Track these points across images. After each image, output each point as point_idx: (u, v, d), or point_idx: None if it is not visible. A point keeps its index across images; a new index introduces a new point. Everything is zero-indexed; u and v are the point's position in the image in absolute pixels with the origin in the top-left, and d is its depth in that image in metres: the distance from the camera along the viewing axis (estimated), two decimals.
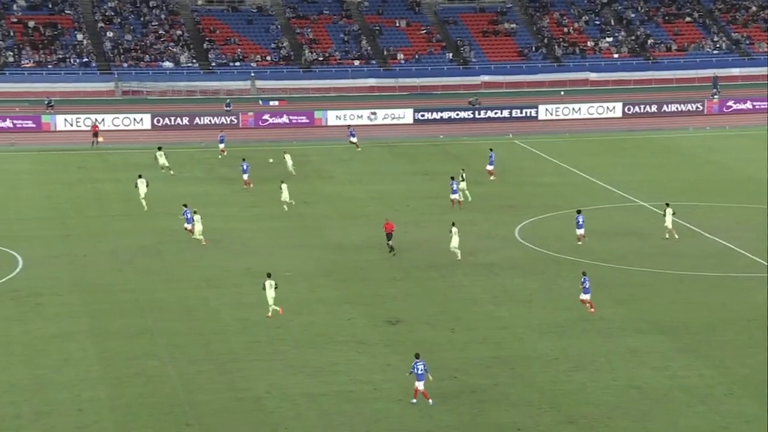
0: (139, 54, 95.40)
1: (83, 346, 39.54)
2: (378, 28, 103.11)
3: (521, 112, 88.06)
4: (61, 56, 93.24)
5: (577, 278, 46.14)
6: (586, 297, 43.15)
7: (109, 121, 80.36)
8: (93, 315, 42.74)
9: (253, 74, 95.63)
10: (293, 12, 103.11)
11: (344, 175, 67.70)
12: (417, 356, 35.54)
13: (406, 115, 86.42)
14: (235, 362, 38.49)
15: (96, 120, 77.43)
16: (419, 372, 34.96)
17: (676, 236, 52.94)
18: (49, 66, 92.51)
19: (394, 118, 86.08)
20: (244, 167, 63.45)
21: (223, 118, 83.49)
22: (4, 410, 34.24)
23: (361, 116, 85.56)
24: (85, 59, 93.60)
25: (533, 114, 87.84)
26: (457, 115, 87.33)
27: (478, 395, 35.98)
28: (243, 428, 33.69)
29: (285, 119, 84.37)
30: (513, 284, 47.10)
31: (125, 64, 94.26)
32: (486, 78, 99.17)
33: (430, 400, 35.01)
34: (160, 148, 67.16)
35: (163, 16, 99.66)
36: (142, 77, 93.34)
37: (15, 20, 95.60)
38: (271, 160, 68.85)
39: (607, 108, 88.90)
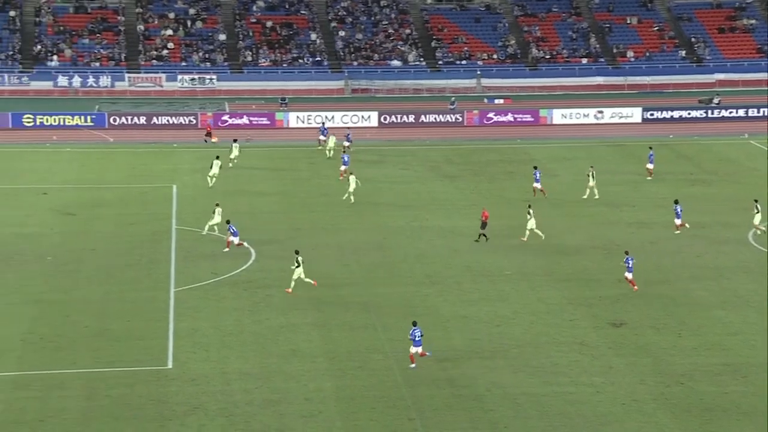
0: (369, 53, 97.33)
1: (310, 338, 40.66)
2: (608, 25, 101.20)
3: (758, 112, 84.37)
4: (295, 55, 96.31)
5: None
6: (629, 276, 44.79)
7: (338, 119, 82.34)
8: (319, 308, 43.86)
9: (479, 72, 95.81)
10: (521, 10, 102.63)
11: (568, 174, 66.76)
12: (414, 324, 37.76)
13: (635, 114, 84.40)
14: (455, 359, 38.65)
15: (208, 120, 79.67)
16: (417, 338, 37.41)
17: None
18: (284, 65, 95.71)
19: (621, 117, 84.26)
20: (345, 159, 64.37)
21: (448, 116, 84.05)
22: (237, 397, 35.61)
23: (587, 115, 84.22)
24: (318, 58, 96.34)
25: None
26: (689, 114, 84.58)
27: (706, 403, 34.75)
28: (463, 425, 33.78)
29: (510, 117, 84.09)
30: (745, 289, 45.22)
31: (355, 63, 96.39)
32: (721, 76, 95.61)
33: (428, 352, 37.48)
34: (235, 141, 69.13)
35: (393, 16, 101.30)
36: (370, 75, 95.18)
37: (254, 20, 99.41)
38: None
39: None
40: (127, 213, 57.49)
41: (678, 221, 53.49)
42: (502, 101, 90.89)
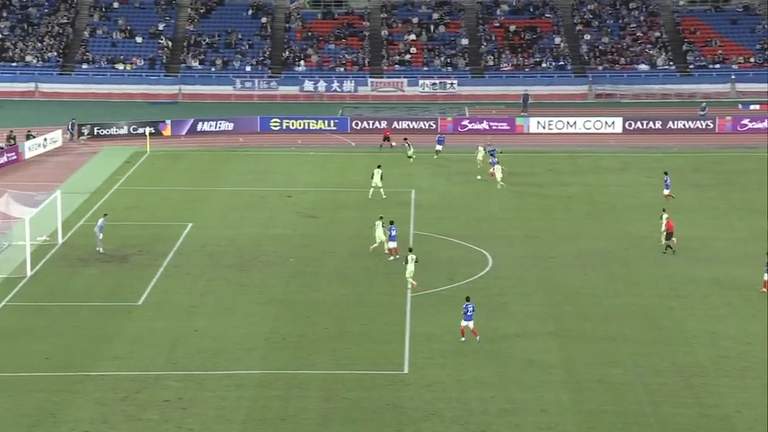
0: (615, 57, 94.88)
1: (547, 348, 39.61)
2: None
3: None
4: (537, 59, 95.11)
5: None
6: None
7: (580, 124, 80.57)
8: (556, 317, 42.75)
9: (733, 77, 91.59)
10: None
11: None
12: (468, 299, 39.93)
13: None
14: (702, 376, 36.76)
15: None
16: (468, 313, 39.35)
17: None
18: (526, 69, 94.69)
19: None
20: (494, 161, 64.22)
21: (698, 122, 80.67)
22: (473, 405, 35.07)
23: None
24: (561, 62, 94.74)
25: None
26: None
27: None
28: None
29: (766, 124, 79.89)
30: None
31: (600, 67, 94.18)
32: None
33: (478, 337, 39.21)
34: (405, 139, 71.22)
35: (642, 18, 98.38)
36: (615, 80, 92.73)
37: (497, 25, 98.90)
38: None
39: None
40: (367, 217, 58.00)
41: None
42: (758, 107, 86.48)
